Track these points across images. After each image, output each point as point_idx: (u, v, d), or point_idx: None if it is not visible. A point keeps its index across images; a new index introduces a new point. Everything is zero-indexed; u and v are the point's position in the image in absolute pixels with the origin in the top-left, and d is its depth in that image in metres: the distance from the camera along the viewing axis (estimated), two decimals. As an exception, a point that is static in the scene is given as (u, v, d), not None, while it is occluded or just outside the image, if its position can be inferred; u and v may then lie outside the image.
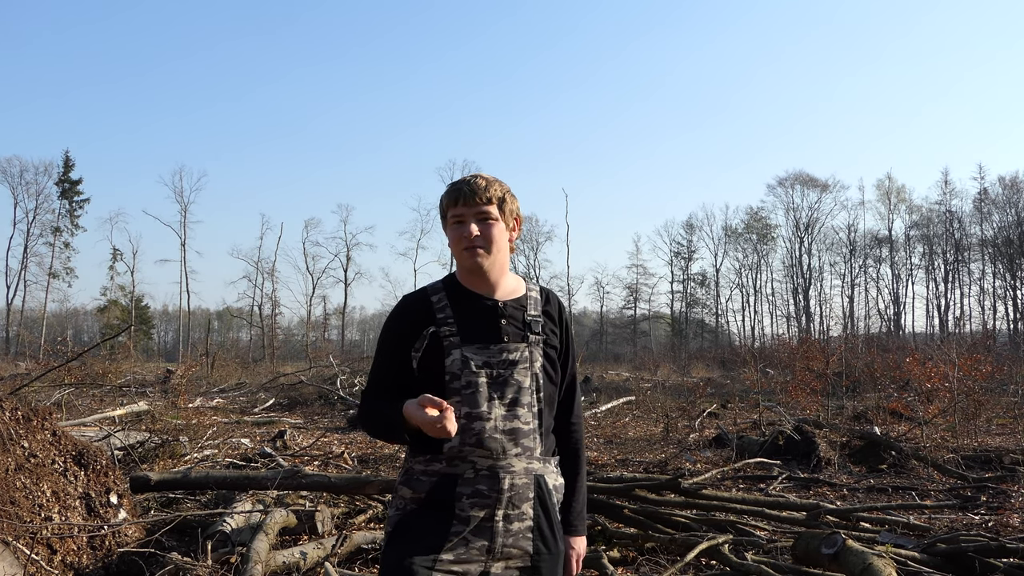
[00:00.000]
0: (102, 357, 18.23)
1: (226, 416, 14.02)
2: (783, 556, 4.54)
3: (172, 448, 7.87)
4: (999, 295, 53.64)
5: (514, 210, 1.99)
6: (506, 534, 1.87)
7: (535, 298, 2.05)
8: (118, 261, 54.46)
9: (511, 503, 1.88)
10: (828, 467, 8.35)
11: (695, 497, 5.49)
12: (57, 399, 11.57)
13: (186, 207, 53.69)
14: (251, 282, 55.74)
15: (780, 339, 38.50)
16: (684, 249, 61.52)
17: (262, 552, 4.07)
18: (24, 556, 3.59)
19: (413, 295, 2.04)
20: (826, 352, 17.55)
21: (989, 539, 4.41)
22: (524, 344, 1.95)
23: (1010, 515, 6.05)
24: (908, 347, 25.45)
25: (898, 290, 57.61)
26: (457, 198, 1.92)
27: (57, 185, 53.72)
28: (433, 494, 1.89)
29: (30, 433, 4.33)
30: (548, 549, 1.92)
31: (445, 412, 1.75)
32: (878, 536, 4.91)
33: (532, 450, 1.93)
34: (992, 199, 53.76)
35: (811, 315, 58.98)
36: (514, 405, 1.91)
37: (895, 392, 14.88)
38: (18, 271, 51.86)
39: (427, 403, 1.76)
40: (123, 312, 53.15)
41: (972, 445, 9.66)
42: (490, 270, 1.95)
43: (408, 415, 1.80)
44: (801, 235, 59.65)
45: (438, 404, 1.75)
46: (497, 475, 1.87)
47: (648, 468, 8.46)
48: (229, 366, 28.12)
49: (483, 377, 1.90)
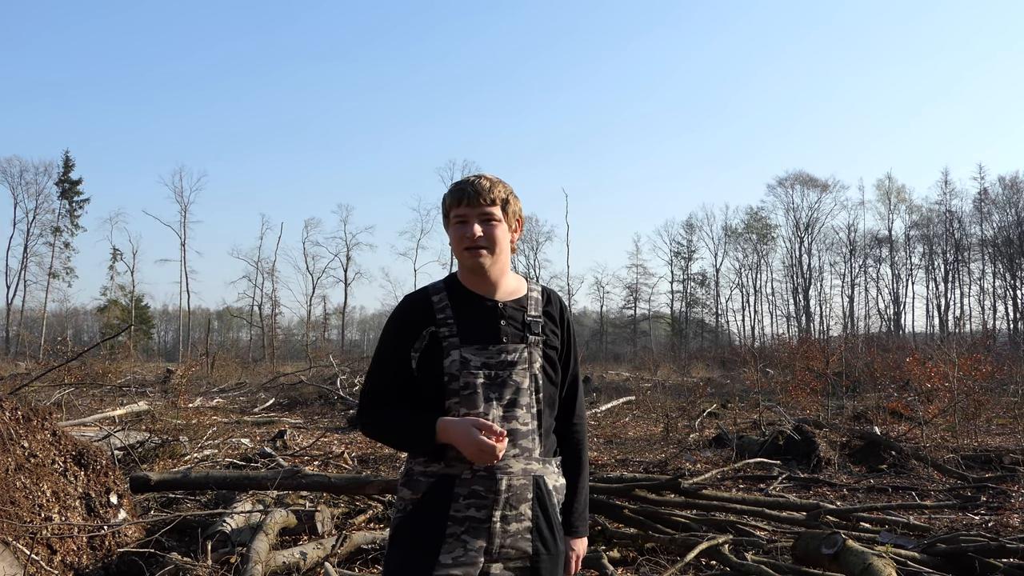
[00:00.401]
0: (102, 357, 18.22)
1: (226, 416, 14.02)
2: (783, 556, 4.54)
3: (172, 448, 7.87)
4: (999, 295, 53.68)
5: (517, 211, 2.00)
6: (504, 535, 1.87)
7: (536, 298, 2.05)
8: (118, 261, 54.53)
9: (508, 504, 1.88)
10: (828, 467, 8.35)
11: (695, 497, 5.49)
12: (57, 399, 11.58)
13: (186, 207, 53.77)
14: (251, 282, 55.81)
15: (780, 339, 38.52)
16: (684, 249, 61.57)
17: (262, 552, 4.07)
18: (24, 556, 3.59)
19: (414, 295, 2.03)
20: (826, 352, 17.54)
21: (989, 539, 4.40)
22: (523, 345, 1.95)
23: (1010, 515, 6.05)
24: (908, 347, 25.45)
25: (898, 290, 57.66)
26: (461, 198, 1.93)
27: (57, 185, 53.74)
28: (431, 494, 1.89)
29: (30, 433, 4.33)
30: (547, 550, 1.92)
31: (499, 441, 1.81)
32: (878, 536, 4.90)
33: (531, 451, 1.92)
34: (992, 199, 53.78)
35: (811, 315, 59.00)
36: (512, 406, 1.91)
37: (895, 392, 14.88)
38: (18, 271, 51.93)
39: (484, 428, 1.81)
40: (123, 312, 53.14)
41: (972, 445, 9.66)
42: (491, 271, 1.96)
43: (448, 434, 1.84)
44: (801, 235, 59.69)
45: (500, 433, 1.81)
46: (494, 476, 1.87)
47: (648, 468, 8.46)
48: (229, 366, 28.13)
49: (481, 378, 1.89)
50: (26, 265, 51.98)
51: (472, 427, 1.80)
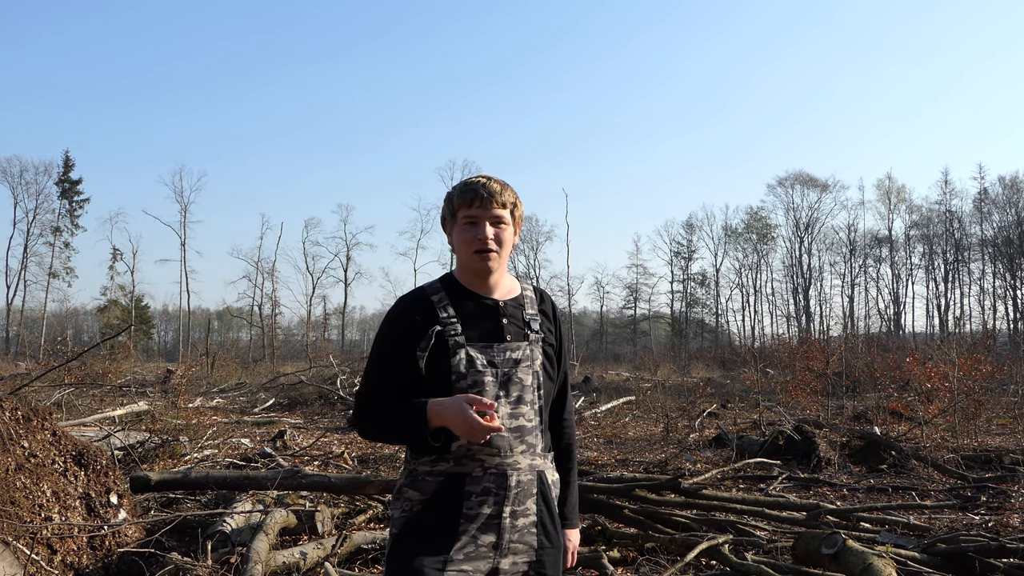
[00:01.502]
0: (102, 357, 18.21)
1: (226, 416, 14.02)
2: (783, 556, 4.54)
3: (172, 448, 7.87)
4: (999, 295, 53.66)
5: (521, 215, 2.04)
6: (512, 530, 1.90)
7: (531, 297, 2.08)
8: (118, 261, 54.51)
9: (517, 499, 1.91)
10: (828, 467, 8.35)
11: (695, 497, 5.49)
12: (57, 399, 11.57)
13: (186, 207, 53.75)
14: (251, 282, 55.80)
15: (780, 339, 38.49)
16: (684, 249, 61.55)
17: (262, 552, 4.07)
18: (24, 556, 3.59)
19: (411, 295, 2.04)
20: (826, 352, 17.54)
21: (989, 539, 4.40)
22: (525, 343, 1.98)
23: (1010, 515, 6.05)
24: (908, 347, 25.45)
25: (898, 290, 57.66)
26: (473, 199, 1.93)
27: (57, 185, 53.73)
28: (440, 494, 1.90)
29: (30, 433, 4.33)
30: (551, 543, 1.96)
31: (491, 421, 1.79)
32: (878, 536, 4.91)
33: (535, 447, 1.96)
34: (992, 199, 53.77)
35: (811, 315, 59.00)
36: (518, 403, 1.94)
37: (895, 392, 14.87)
38: (18, 271, 51.91)
39: (475, 403, 1.79)
40: (123, 312, 53.15)
41: (972, 445, 9.66)
42: (495, 272, 1.99)
43: (440, 415, 1.82)
44: (801, 235, 59.69)
45: (489, 405, 1.79)
46: (505, 473, 1.90)
47: (648, 468, 8.46)
48: (229, 366, 28.11)
49: (489, 376, 1.91)
50: (26, 265, 52.03)
51: (463, 403, 1.80)
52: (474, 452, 1.89)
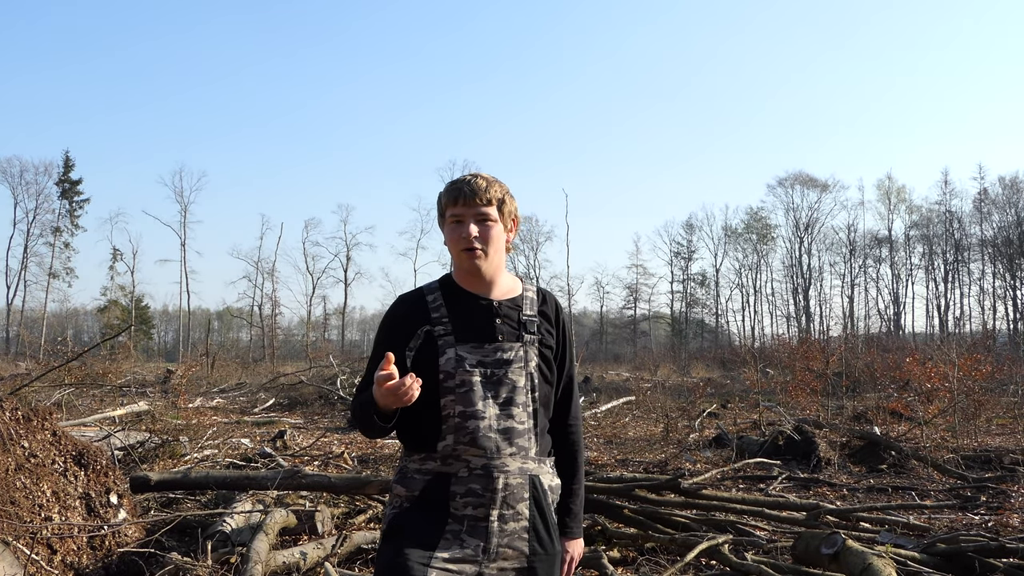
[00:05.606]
0: (102, 357, 18.17)
1: (226, 416, 14.03)
2: (783, 556, 4.54)
3: (172, 448, 7.87)
4: (999, 295, 53.67)
5: (512, 211, 2.00)
6: (501, 534, 1.87)
7: (531, 298, 2.05)
8: (118, 261, 54.55)
9: (506, 503, 1.88)
10: (828, 467, 8.36)
11: (695, 497, 5.49)
12: (57, 399, 11.56)
13: (186, 207, 53.81)
14: (251, 282, 55.86)
15: (780, 339, 38.42)
16: (684, 249, 61.55)
17: (262, 552, 4.07)
18: (24, 556, 3.59)
19: (409, 294, 2.04)
20: (826, 352, 17.54)
21: (989, 539, 4.41)
22: (519, 344, 1.96)
23: (1010, 515, 6.05)
24: (908, 347, 25.43)
25: (898, 290, 57.67)
26: (457, 197, 1.92)
27: (57, 185, 53.75)
28: (427, 493, 1.89)
29: (30, 433, 4.33)
30: (544, 550, 1.91)
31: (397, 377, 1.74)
32: (878, 536, 4.91)
33: (527, 450, 1.92)
34: (992, 199, 53.79)
35: (811, 315, 58.99)
36: (508, 404, 1.91)
37: (895, 392, 14.87)
38: (18, 271, 51.95)
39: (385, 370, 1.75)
40: (123, 312, 53.17)
41: (972, 445, 9.66)
42: (487, 270, 1.96)
43: (376, 397, 1.79)
44: (801, 235, 59.68)
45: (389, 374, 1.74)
46: (491, 474, 1.87)
47: (648, 468, 8.46)
48: (229, 366, 28.11)
49: (477, 376, 1.90)
50: (26, 265, 52.06)
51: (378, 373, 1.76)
52: (460, 452, 1.88)
